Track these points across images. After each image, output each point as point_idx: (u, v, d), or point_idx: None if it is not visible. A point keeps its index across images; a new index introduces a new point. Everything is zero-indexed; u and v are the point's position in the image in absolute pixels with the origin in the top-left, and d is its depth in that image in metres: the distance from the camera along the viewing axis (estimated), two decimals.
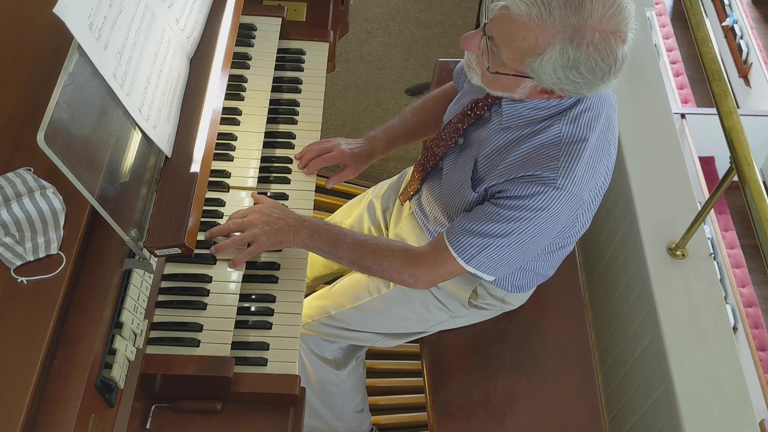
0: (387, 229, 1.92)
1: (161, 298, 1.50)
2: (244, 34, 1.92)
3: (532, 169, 1.37)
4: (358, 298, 1.82)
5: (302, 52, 2.01)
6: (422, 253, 1.52)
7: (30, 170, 1.31)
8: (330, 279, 2.17)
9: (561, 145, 1.38)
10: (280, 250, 1.64)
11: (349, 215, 2.03)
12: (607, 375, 2.20)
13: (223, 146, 1.73)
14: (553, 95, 1.36)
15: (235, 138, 1.75)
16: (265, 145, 1.77)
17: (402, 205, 1.85)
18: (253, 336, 1.52)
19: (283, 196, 1.74)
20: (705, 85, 1.90)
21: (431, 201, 1.68)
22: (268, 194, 1.74)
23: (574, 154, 1.37)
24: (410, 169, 1.85)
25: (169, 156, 1.47)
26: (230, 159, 1.72)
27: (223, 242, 1.55)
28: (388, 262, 1.52)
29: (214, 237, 1.56)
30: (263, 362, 1.48)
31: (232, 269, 1.55)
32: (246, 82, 1.85)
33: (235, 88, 1.83)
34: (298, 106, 1.90)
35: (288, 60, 1.99)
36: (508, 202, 1.39)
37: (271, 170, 1.78)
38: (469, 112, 1.53)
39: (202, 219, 1.57)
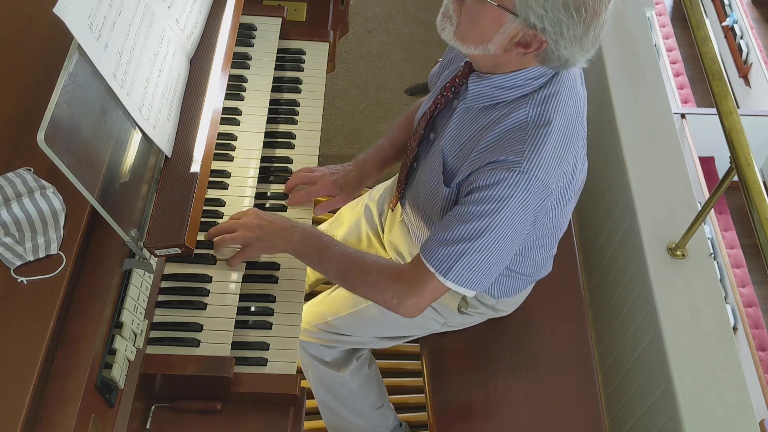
0: (383, 233, 1.92)
1: (161, 298, 1.50)
2: (244, 34, 1.92)
3: (497, 155, 1.34)
4: (355, 305, 1.81)
5: (302, 52, 2.01)
6: (405, 271, 1.47)
7: (30, 170, 1.31)
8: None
9: (527, 128, 1.35)
10: None
11: (347, 220, 2.03)
12: (607, 375, 2.20)
13: (223, 146, 1.73)
14: (529, 48, 1.32)
15: (235, 138, 1.75)
16: (265, 145, 1.77)
17: (392, 211, 1.84)
18: (253, 336, 1.52)
19: (283, 196, 1.74)
20: (705, 85, 1.90)
21: (414, 209, 1.66)
22: (268, 194, 1.74)
23: (539, 137, 1.34)
24: None
25: (169, 156, 1.47)
26: (230, 159, 1.72)
27: (220, 238, 1.55)
28: (373, 278, 1.47)
29: (212, 238, 1.56)
30: (263, 362, 1.48)
31: (232, 269, 1.55)
32: (246, 82, 1.85)
33: (235, 88, 1.83)
34: (298, 106, 1.90)
35: (288, 60, 1.99)
36: (475, 196, 1.35)
37: (271, 170, 1.78)
38: (440, 99, 1.52)
39: (202, 219, 1.57)
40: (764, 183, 1.69)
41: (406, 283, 1.44)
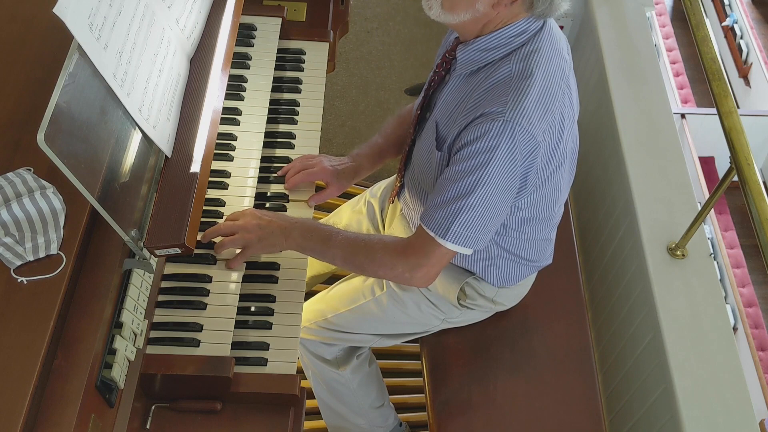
0: (384, 229, 1.93)
1: (161, 298, 1.50)
2: (244, 34, 1.92)
3: (482, 110, 1.38)
4: (354, 301, 1.82)
5: (302, 52, 2.01)
6: (409, 243, 1.50)
7: (30, 170, 1.31)
8: (327, 278, 2.18)
9: (510, 81, 1.39)
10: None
11: (347, 217, 2.03)
12: (607, 375, 2.20)
13: (223, 146, 1.73)
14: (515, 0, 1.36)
15: (235, 138, 1.75)
16: (265, 145, 1.77)
17: (392, 203, 1.85)
18: (253, 336, 1.52)
19: (283, 197, 1.74)
20: (705, 85, 1.90)
21: (412, 192, 1.67)
22: (268, 194, 1.74)
23: (522, 88, 1.38)
24: None
25: (169, 156, 1.47)
26: (230, 159, 1.72)
27: (220, 242, 1.55)
28: (381, 256, 1.50)
29: (208, 239, 1.56)
30: (263, 362, 1.48)
31: (231, 269, 1.55)
32: (246, 82, 1.85)
33: (235, 88, 1.83)
34: (298, 106, 1.90)
35: (288, 60, 1.99)
36: (464, 152, 1.38)
37: (271, 170, 1.78)
38: (434, 78, 1.56)
39: (202, 219, 1.57)
40: (764, 183, 1.69)
41: (413, 254, 1.48)
